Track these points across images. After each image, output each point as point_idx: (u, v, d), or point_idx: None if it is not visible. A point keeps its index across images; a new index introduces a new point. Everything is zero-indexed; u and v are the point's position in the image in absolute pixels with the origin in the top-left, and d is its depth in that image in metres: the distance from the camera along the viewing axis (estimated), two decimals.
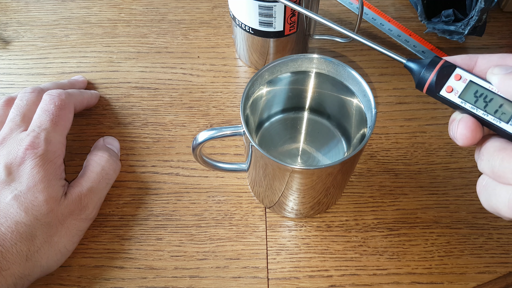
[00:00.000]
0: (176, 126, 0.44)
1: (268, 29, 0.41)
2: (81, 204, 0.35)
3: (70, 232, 0.34)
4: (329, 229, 0.38)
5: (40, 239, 0.32)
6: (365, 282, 0.35)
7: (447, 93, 0.27)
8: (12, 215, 0.31)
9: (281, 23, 0.40)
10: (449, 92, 0.27)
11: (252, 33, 0.42)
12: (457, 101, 0.27)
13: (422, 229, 0.38)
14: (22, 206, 0.32)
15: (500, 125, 0.25)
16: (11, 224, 0.31)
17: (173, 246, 0.37)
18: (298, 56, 0.34)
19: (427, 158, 0.41)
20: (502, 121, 0.25)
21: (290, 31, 0.42)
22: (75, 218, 0.34)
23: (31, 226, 0.32)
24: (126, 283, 0.35)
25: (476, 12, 0.43)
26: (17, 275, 0.30)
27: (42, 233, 0.32)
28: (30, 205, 0.32)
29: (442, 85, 0.27)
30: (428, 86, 0.27)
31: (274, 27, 0.41)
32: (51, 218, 0.33)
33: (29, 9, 0.54)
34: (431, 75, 0.27)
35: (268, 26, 0.41)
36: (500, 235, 0.37)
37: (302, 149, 0.38)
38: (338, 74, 0.34)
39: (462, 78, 0.26)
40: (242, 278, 0.36)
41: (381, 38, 0.50)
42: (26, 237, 0.31)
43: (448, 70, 0.27)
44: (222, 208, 0.39)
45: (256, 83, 0.33)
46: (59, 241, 0.33)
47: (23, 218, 0.31)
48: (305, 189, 0.33)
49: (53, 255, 0.33)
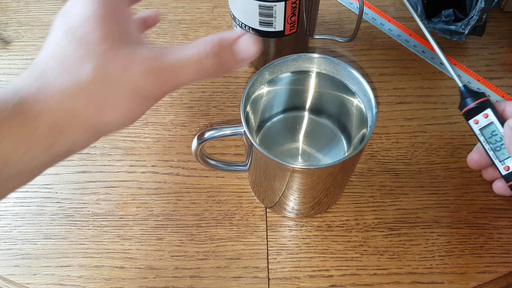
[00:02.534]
0: (176, 126, 0.44)
1: (268, 29, 0.41)
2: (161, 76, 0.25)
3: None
4: (330, 229, 0.38)
5: (88, 75, 0.24)
6: (366, 282, 0.35)
7: (473, 123, 0.36)
8: (61, 48, 0.24)
9: (282, 23, 0.40)
10: (475, 123, 0.36)
11: (252, 33, 0.42)
12: (477, 132, 0.36)
13: (423, 228, 0.38)
14: (73, 41, 0.24)
15: (495, 161, 0.35)
16: (58, 58, 0.24)
17: (173, 246, 0.37)
18: (299, 56, 0.34)
19: (427, 158, 0.41)
20: (497, 159, 0.35)
21: (290, 31, 0.42)
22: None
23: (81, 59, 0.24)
24: (126, 283, 0.35)
25: (476, 12, 0.43)
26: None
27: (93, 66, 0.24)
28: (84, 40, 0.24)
29: (473, 116, 0.36)
30: (466, 111, 0.36)
31: (275, 27, 0.41)
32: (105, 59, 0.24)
33: (29, 9, 0.54)
34: (471, 105, 0.35)
35: (268, 26, 0.41)
36: (500, 235, 0.37)
37: (302, 148, 0.38)
38: (339, 74, 0.34)
39: (488, 117, 0.35)
40: (242, 278, 0.35)
41: (381, 38, 0.50)
42: (74, 70, 0.24)
43: (482, 107, 0.35)
44: (223, 208, 0.39)
45: (257, 83, 0.33)
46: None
47: (74, 50, 0.24)
48: (305, 189, 0.32)
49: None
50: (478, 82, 0.46)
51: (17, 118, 0.21)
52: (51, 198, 0.40)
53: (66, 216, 0.39)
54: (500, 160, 0.35)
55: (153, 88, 0.24)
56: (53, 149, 0.23)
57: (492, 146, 0.35)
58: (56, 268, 0.36)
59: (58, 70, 0.23)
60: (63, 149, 0.23)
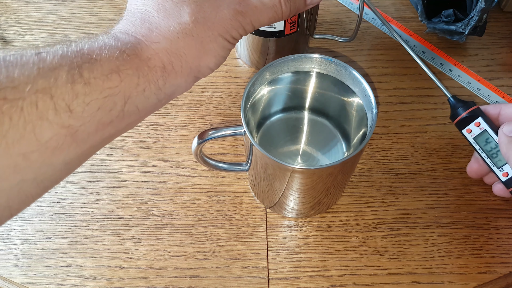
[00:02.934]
0: (176, 126, 0.44)
1: (268, 28, 0.41)
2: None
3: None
4: (330, 229, 0.38)
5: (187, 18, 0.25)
6: (366, 282, 0.35)
7: (467, 133, 0.36)
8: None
9: (282, 22, 0.40)
10: (469, 133, 0.36)
11: (253, 33, 0.42)
12: (471, 141, 0.36)
13: (423, 229, 0.38)
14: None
15: (493, 168, 0.35)
16: (156, 3, 0.25)
17: (173, 246, 0.37)
18: (299, 56, 0.34)
19: (427, 158, 0.41)
20: (495, 166, 0.35)
21: (290, 30, 0.42)
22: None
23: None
24: (126, 283, 0.35)
25: (476, 12, 0.43)
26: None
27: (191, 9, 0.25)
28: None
29: (465, 125, 0.36)
30: (457, 122, 0.36)
31: (275, 27, 0.41)
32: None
33: (29, 9, 0.54)
34: (462, 115, 0.36)
35: (268, 26, 0.41)
36: (500, 235, 0.37)
37: (302, 149, 0.38)
38: (339, 74, 0.34)
39: (480, 126, 0.35)
40: (242, 278, 0.35)
41: (381, 38, 0.50)
42: (173, 14, 0.25)
43: (473, 116, 0.35)
44: (223, 208, 0.39)
45: (257, 83, 0.33)
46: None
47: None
48: (305, 189, 0.32)
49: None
50: (478, 82, 0.46)
51: (135, 59, 0.23)
52: (51, 198, 0.40)
53: (66, 216, 0.39)
54: (498, 166, 0.35)
55: (239, 29, 0.26)
56: (162, 91, 0.25)
57: (488, 154, 0.35)
58: (56, 268, 0.36)
59: (159, 15, 0.24)
60: (169, 92, 0.25)
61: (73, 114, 0.21)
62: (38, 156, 0.20)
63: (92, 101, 0.21)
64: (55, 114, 0.20)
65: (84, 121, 0.21)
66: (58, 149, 0.21)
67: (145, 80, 0.23)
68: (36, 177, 0.21)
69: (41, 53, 0.21)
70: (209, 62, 0.26)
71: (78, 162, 0.23)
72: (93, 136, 0.22)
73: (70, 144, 0.21)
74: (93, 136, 0.22)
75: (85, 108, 0.21)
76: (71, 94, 0.21)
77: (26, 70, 0.20)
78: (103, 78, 0.22)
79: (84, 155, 0.23)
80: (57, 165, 0.21)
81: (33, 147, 0.20)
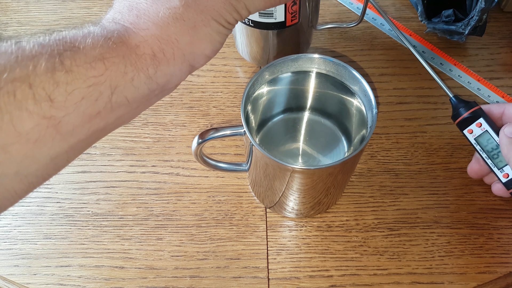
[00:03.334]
0: (176, 126, 0.44)
1: (268, 20, 0.40)
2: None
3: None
4: (330, 229, 0.38)
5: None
6: (366, 282, 0.35)
7: (468, 133, 0.36)
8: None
9: (282, 12, 0.39)
10: (470, 133, 0.36)
11: (252, 25, 0.41)
12: (472, 141, 0.36)
13: (423, 229, 0.38)
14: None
15: (493, 169, 0.35)
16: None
17: (173, 246, 0.37)
18: (299, 56, 0.34)
19: (427, 158, 0.41)
20: (495, 167, 0.35)
21: (292, 21, 0.40)
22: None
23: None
24: (126, 283, 0.35)
25: (476, 12, 0.43)
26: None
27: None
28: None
29: (467, 126, 0.36)
30: (459, 122, 0.36)
31: (275, 18, 0.40)
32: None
33: (29, 9, 0.54)
34: (463, 115, 0.36)
35: (268, 17, 0.40)
36: (500, 235, 0.37)
37: (302, 149, 0.38)
38: (339, 74, 0.34)
39: (481, 126, 0.35)
40: (242, 278, 0.35)
41: (381, 38, 0.50)
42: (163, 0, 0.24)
43: (475, 117, 0.35)
44: (223, 208, 0.39)
45: (257, 83, 0.33)
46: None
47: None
48: (305, 189, 0.32)
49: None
50: (478, 82, 0.46)
51: (121, 47, 0.22)
52: (51, 198, 0.40)
53: (66, 216, 0.39)
54: (498, 167, 0.35)
55: (233, 13, 0.25)
56: (153, 80, 0.23)
57: (489, 155, 0.35)
58: (56, 268, 0.36)
59: (147, 1, 0.23)
60: (161, 81, 0.24)
61: (54, 103, 0.20)
62: (18, 148, 0.19)
63: (74, 90, 0.20)
64: (34, 103, 0.19)
65: (68, 111, 0.20)
66: (41, 141, 0.20)
67: (134, 69, 0.22)
68: (18, 171, 0.20)
69: (21, 42, 0.20)
70: (204, 48, 0.24)
71: (67, 157, 0.22)
72: (80, 129, 0.21)
73: (54, 136, 0.20)
74: (79, 128, 0.21)
75: (67, 97, 0.20)
76: (51, 83, 0.19)
77: (2, 59, 0.19)
78: (86, 66, 0.21)
79: (72, 149, 0.22)
80: (42, 159, 0.20)
81: (12, 139, 0.19)
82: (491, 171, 0.36)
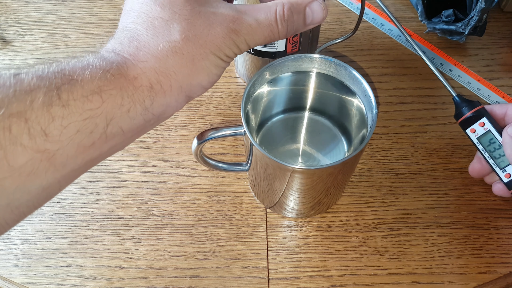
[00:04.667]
0: (176, 126, 0.44)
1: (270, 49, 0.40)
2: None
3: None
4: (330, 229, 0.38)
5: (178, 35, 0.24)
6: (366, 282, 0.35)
7: (470, 132, 0.36)
8: (147, 12, 0.25)
9: (283, 42, 0.40)
10: (472, 133, 0.36)
11: (254, 53, 0.41)
12: (475, 141, 0.36)
13: (423, 229, 0.38)
14: (157, 4, 0.25)
15: (495, 169, 0.35)
16: (146, 21, 0.24)
17: (173, 246, 0.37)
18: (299, 56, 0.34)
19: (427, 158, 0.41)
20: (497, 167, 0.35)
21: (292, 50, 0.41)
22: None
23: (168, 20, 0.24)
24: (126, 283, 0.35)
25: (476, 12, 0.43)
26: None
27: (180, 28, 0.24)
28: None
29: (469, 125, 0.36)
30: (461, 121, 0.37)
31: (276, 48, 0.40)
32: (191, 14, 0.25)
33: (29, 9, 0.54)
34: (466, 114, 0.36)
35: (270, 47, 0.40)
36: (500, 235, 0.37)
37: (302, 149, 0.38)
38: (339, 74, 0.34)
39: (484, 126, 0.35)
40: (242, 278, 0.35)
41: (381, 38, 0.50)
42: (162, 32, 0.24)
43: (478, 116, 0.35)
44: (223, 208, 0.39)
45: (257, 83, 0.33)
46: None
47: (159, 12, 0.24)
48: (305, 189, 0.32)
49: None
50: (478, 82, 0.46)
51: (120, 79, 0.22)
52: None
53: (66, 216, 0.39)
54: (500, 167, 0.35)
55: (233, 47, 0.25)
56: (149, 111, 0.23)
57: (491, 154, 0.35)
58: (56, 268, 0.36)
59: (148, 33, 0.24)
60: (157, 112, 0.24)
61: (49, 138, 0.20)
62: (11, 182, 0.19)
63: (70, 124, 0.20)
64: (29, 138, 0.19)
65: (62, 145, 0.20)
66: (34, 174, 0.20)
67: (130, 101, 0.22)
68: (10, 203, 0.20)
69: (20, 74, 0.20)
70: (201, 80, 0.25)
71: (59, 186, 0.22)
72: (74, 160, 0.21)
73: (47, 169, 0.20)
74: (73, 159, 0.21)
75: (62, 131, 0.20)
76: (47, 117, 0.20)
77: (1, 93, 0.19)
78: (83, 99, 0.21)
79: (65, 179, 0.22)
80: (33, 190, 0.20)
81: (5, 173, 0.19)
82: (492, 170, 0.36)
